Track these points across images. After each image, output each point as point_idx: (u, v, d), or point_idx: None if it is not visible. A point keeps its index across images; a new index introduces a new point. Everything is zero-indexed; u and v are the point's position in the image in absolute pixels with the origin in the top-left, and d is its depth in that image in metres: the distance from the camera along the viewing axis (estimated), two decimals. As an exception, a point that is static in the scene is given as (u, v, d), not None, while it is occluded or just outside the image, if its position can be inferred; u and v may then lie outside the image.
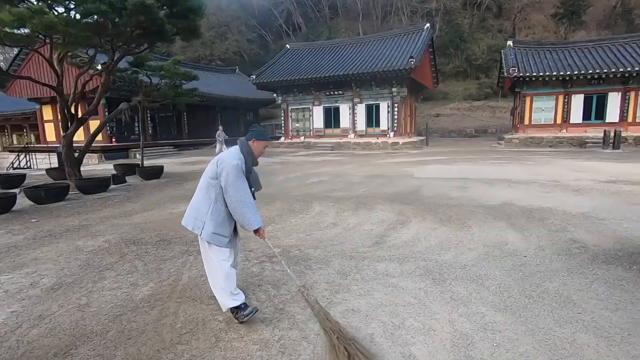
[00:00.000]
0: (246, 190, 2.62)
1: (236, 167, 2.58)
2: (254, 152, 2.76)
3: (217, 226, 2.64)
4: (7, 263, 4.15)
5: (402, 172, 10.43)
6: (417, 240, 4.44)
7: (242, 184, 2.60)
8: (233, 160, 2.60)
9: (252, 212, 2.62)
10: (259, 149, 2.79)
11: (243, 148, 2.73)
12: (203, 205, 2.70)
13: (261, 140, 2.80)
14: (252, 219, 2.60)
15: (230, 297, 2.64)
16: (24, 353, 2.42)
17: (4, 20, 6.39)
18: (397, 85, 19.96)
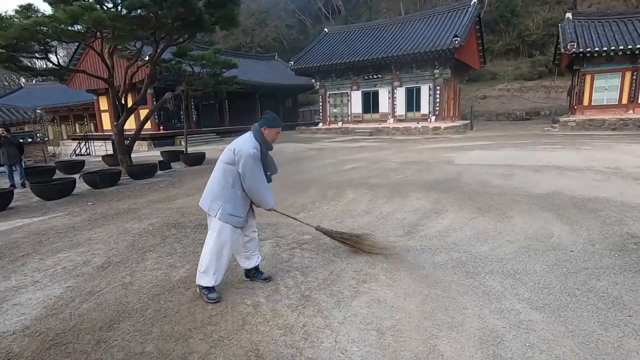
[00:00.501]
0: (262, 176, 2.88)
1: (253, 156, 2.77)
2: (266, 139, 2.90)
3: (234, 208, 2.85)
4: (65, 242, 4.59)
5: (442, 158, 10.02)
6: (452, 231, 4.26)
7: (258, 171, 2.84)
8: (250, 149, 2.78)
9: (268, 193, 2.95)
10: (271, 136, 2.92)
11: (257, 135, 2.88)
12: (220, 189, 2.87)
13: (272, 128, 2.91)
14: (268, 199, 2.95)
15: (209, 277, 2.87)
16: (75, 325, 2.67)
17: (60, 18, 6.89)
18: (440, 67, 19.00)
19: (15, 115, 16.62)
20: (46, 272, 3.68)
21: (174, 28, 8.94)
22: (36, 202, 7.19)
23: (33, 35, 7.13)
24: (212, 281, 2.88)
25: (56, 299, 3.08)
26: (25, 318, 2.81)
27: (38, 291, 3.25)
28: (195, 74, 11.95)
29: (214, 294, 2.90)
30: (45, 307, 2.95)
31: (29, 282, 3.46)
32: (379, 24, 24.27)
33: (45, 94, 29.88)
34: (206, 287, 2.89)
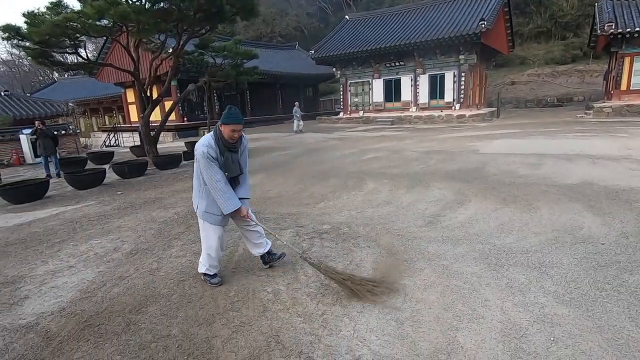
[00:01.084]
0: (215, 176, 2.73)
1: (203, 155, 2.70)
2: (223, 136, 2.75)
3: (208, 205, 2.89)
4: (97, 229, 4.82)
5: (466, 147, 9.75)
6: (475, 222, 4.17)
7: (210, 170, 2.72)
8: (201, 148, 2.72)
9: (225, 197, 2.76)
10: (227, 133, 2.73)
11: (215, 133, 2.78)
12: (197, 186, 2.95)
13: (227, 124, 2.71)
14: (224, 203, 2.77)
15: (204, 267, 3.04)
16: (107, 308, 2.83)
17: (88, 13, 7.12)
18: (465, 52, 18.36)
19: (50, 108, 17.44)
20: (80, 257, 3.89)
21: (195, 20, 9.04)
22: (70, 192, 7.56)
23: (63, 30, 7.40)
24: (210, 270, 3.05)
25: (89, 283, 3.26)
26: (61, 300, 2.99)
27: (73, 275, 3.45)
28: (217, 65, 12.08)
29: (215, 279, 3.06)
30: (80, 290, 3.13)
31: (64, 266, 3.67)
32: (402, 9, 23.61)
33: (77, 88, 31.13)
34: (204, 274, 3.08)
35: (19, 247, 4.32)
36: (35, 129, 9.48)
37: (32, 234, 4.83)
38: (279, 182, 7.04)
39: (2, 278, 3.48)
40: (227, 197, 2.77)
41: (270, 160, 9.85)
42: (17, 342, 2.46)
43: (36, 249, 4.24)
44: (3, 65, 51.19)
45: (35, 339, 2.48)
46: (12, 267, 3.73)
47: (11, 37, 7.66)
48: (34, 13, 7.51)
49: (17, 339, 2.50)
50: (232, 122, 2.71)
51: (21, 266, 3.75)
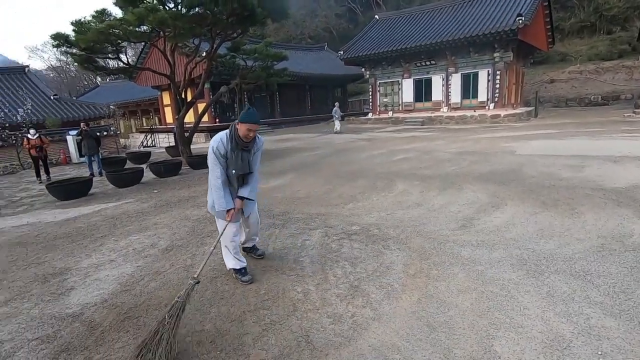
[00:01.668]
0: (216, 173, 2.83)
1: (212, 150, 2.83)
2: (239, 134, 2.82)
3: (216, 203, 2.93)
4: (136, 226, 5.05)
5: (501, 148, 9.36)
6: (512, 226, 3.99)
7: (214, 167, 2.84)
8: (212, 143, 2.84)
9: (218, 194, 2.85)
10: (243, 131, 2.80)
11: (231, 130, 2.86)
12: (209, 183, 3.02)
13: (244, 123, 2.77)
14: (216, 200, 2.86)
15: (232, 259, 3.11)
16: (144, 301, 2.95)
17: (129, 20, 7.49)
18: (501, 50, 17.65)
19: (93, 110, 18.52)
20: (120, 252, 4.09)
21: (228, 23, 9.29)
22: (111, 189, 7.99)
23: (107, 37, 7.84)
24: (235, 264, 3.13)
25: (128, 277, 3.42)
26: (103, 292, 3.16)
27: (114, 269, 3.63)
28: (248, 68, 12.35)
29: (246, 277, 3.11)
30: (120, 284, 3.29)
31: (106, 260, 3.88)
32: (433, 7, 23.07)
33: (118, 91, 32.87)
34: (234, 269, 3.15)
35: (66, 241, 4.61)
36: (81, 130, 10.09)
37: (77, 228, 5.14)
38: (308, 182, 7.08)
39: (51, 269, 3.73)
40: (221, 195, 2.86)
41: (299, 161, 9.93)
42: (64, 330, 2.62)
43: (81, 243, 4.51)
44: (52, 72, 55.01)
45: (80, 328, 2.63)
46: (60, 260, 3.98)
47: (61, 44, 8.21)
48: (81, 22, 8.02)
49: (64, 327, 2.66)
50: (249, 121, 2.78)
51: (68, 259, 4.00)
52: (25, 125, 12.30)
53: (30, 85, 18.53)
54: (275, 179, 7.59)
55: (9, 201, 7.68)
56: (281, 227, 4.51)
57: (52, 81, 49.59)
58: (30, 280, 3.51)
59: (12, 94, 17.05)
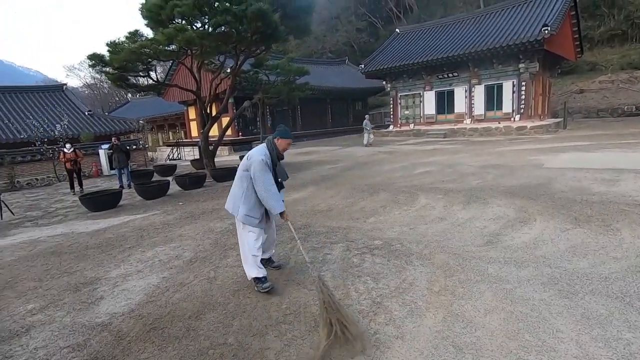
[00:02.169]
0: (270, 181, 3.07)
1: (261, 162, 3.05)
2: (278, 148, 3.18)
3: (249, 209, 3.15)
4: (161, 237, 5.20)
5: (528, 161, 9.08)
6: (542, 243, 3.83)
7: (266, 176, 3.06)
8: (259, 157, 3.08)
9: (275, 199, 3.06)
10: (283, 146, 3.20)
11: (269, 145, 3.18)
12: (238, 192, 3.22)
13: (284, 138, 3.19)
14: (275, 205, 3.05)
15: (255, 269, 3.20)
16: (169, 312, 3.01)
17: (159, 40, 7.88)
18: (526, 60, 17.27)
19: (124, 125, 19.39)
20: (147, 263, 4.21)
21: (252, 41, 9.58)
22: (139, 201, 8.27)
23: (138, 56, 8.26)
24: (258, 273, 3.21)
25: (154, 288, 3.51)
26: (131, 302, 3.25)
27: (140, 279, 3.74)
28: (271, 83, 12.63)
29: (266, 284, 3.19)
30: (146, 294, 3.38)
31: (133, 270, 4.00)
32: (455, 19, 22.98)
33: (146, 107, 34.33)
34: (256, 277, 3.22)
35: (97, 251, 4.79)
36: (112, 144, 10.57)
37: (107, 239, 5.34)
38: (329, 195, 7.09)
39: (83, 279, 3.88)
40: (277, 199, 3.09)
41: (320, 174, 9.98)
42: (94, 339, 2.70)
43: (110, 253, 4.68)
44: (87, 89, 58.24)
45: (108, 338, 2.71)
46: (91, 269, 4.14)
47: (96, 63, 8.72)
48: (115, 42, 8.50)
49: (94, 336, 2.75)
50: (288, 137, 3.22)
51: (98, 268, 4.15)
52: (61, 140, 13.01)
53: (67, 102, 19.65)
54: (296, 192, 7.64)
55: (45, 212, 8.09)
56: (302, 240, 4.51)
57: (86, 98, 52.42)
58: (63, 288, 3.66)
59: (50, 111, 18.13)
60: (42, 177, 14.08)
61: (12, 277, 4.10)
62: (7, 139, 15.71)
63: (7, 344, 2.72)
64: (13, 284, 3.91)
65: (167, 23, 8.35)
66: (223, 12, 8.16)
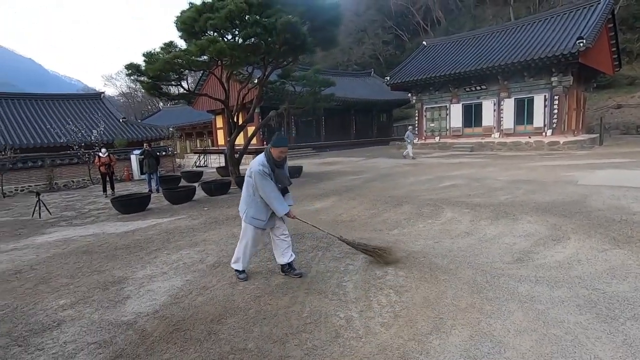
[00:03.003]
0: (270, 187, 3.41)
1: (259, 172, 3.38)
2: (273, 156, 3.43)
3: (255, 212, 3.54)
4: (186, 241, 5.31)
5: (561, 177, 8.70)
6: (577, 263, 3.63)
7: (267, 183, 3.40)
8: (257, 167, 3.39)
9: (278, 202, 3.44)
10: (276, 154, 3.45)
11: (266, 154, 3.47)
12: (246, 197, 3.60)
13: (277, 147, 3.44)
14: (278, 207, 3.44)
15: (241, 264, 3.69)
16: (192, 315, 3.05)
17: (192, 51, 8.20)
18: (559, 74, 16.71)
19: (155, 132, 20.16)
20: (171, 265, 4.30)
21: (280, 52, 9.80)
22: (166, 205, 8.52)
23: (172, 66, 8.63)
24: (241, 267, 3.70)
25: (178, 290, 3.57)
26: (155, 303, 3.31)
27: (165, 281, 3.82)
28: (297, 93, 12.83)
29: (243, 275, 3.71)
30: (170, 296, 3.44)
31: (159, 272, 4.10)
32: (484, 32, 22.64)
33: (176, 115, 35.63)
34: (236, 270, 3.73)
35: (125, 252, 4.96)
36: (144, 150, 11.00)
37: (135, 241, 5.52)
38: (351, 205, 7.04)
39: (111, 278, 4.01)
40: (280, 202, 3.45)
41: (343, 184, 9.95)
42: (119, 337, 2.77)
43: (137, 254, 4.82)
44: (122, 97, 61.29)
45: (133, 336, 2.77)
46: (119, 269, 4.28)
47: (133, 73, 9.17)
48: (151, 53, 8.92)
49: (119, 333, 2.82)
50: (281, 145, 3.46)
51: (126, 269, 4.28)
52: (97, 145, 13.68)
53: (103, 109, 20.71)
54: (319, 202, 7.64)
55: (79, 212, 8.48)
56: (324, 249, 4.49)
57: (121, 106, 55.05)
58: (92, 286, 3.79)
59: (88, 117, 19.14)
60: (77, 180, 14.81)
61: (47, 273, 4.30)
62: (48, 142, 16.69)
63: (40, 337, 2.83)
64: (47, 279, 4.10)
65: (200, 35, 8.69)
66: (253, 24, 8.41)
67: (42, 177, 13.89)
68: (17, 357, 2.58)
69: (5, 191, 12.84)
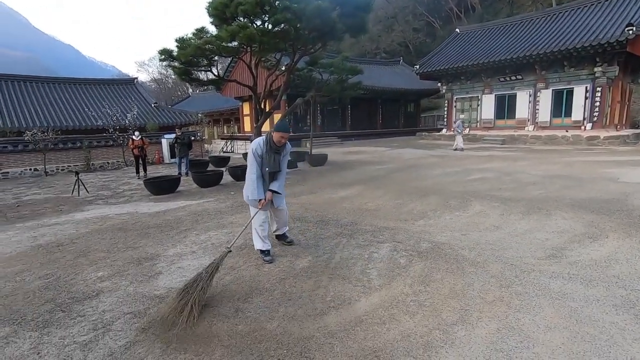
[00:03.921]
0: (252, 170, 3.59)
1: (252, 150, 3.59)
2: (273, 140, 3.59)
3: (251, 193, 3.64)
4: (214, 223, 5.47)
5: (599, 173, 8.24)
6: (615, 262, 3.46)
7: (251, 165, 3.60)
8: (253, 145, 3.62)
9: (252, 186, 3.59)
10: (276, 138, 3.59)
11: (267, 136, 3.64)
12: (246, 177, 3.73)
13: (277, 131, 3.58)
14: (246, 192, 3.69)
15: (260, 242, 3.78)
16: (220, 292, 3.16)
17: (222, 37, 8.29)
18: (604, 64, 15.70)
19: (185, 117, 20.69)
20: (200, 245, 4.45)
21: (309, 38, 9.73)
22: (194, 188, 8.79)
23: (203, 52, 8.78)
24: (261, 246, 3.80)
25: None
26: (185, 279, 3.44)
27: (194, 259, 3.97)
28: (324, 81, 12.74)
29: (268, 257, 3.78)
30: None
31: (188, 251, 4.25)
32: (522, 19, 21.50)
33: (205, 101, 36.33)
34: (261, 250, 3.82)
35: (157, 230, 5.17)
36: (176, 136, 11.36)
37: (166, 220, 5.74)
38: (377, 195, 6.99)
39: (144, 254, 4.20)
40: (254, 187, 3.61)
41: (368, 174, 9.88)
42: (152, 309, 2.91)
43: (168, 233, 5.02)
44: (154, 83, 63.04)
45: (165, 309, 2.90)
46: (151, 246, 4.48)
47: (166, 58, 9.40)
48: (183, 39, 9.10)
49: (153, 306, 2.97)
50: (281, 130, 3.60)
51: (157, 246, 4.47)
52: (130, 128, 14.22)
53: (137, 94, 21.43)
54: (343, 190, 7.64)
55: (114, 192, 8.90)
56: (349, 237, 4.50)
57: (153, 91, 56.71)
58: (127, 261, 4.00)
59: (123, 101, 19.89)
60: (112, 162, 15.51)
61: (86, 247, 4.56)
62: (86, 125, 17.52)
63: (81, 305, 3.03)
64: (86, 252, 4.35)
65: (231, 21, 8.76)
66: (283, 10, 8.38)
67: (80, 158, 14.64)
68: (61, 321, 2.77)
69: (48, 170, 13.65)
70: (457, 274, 3.32)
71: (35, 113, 17.31)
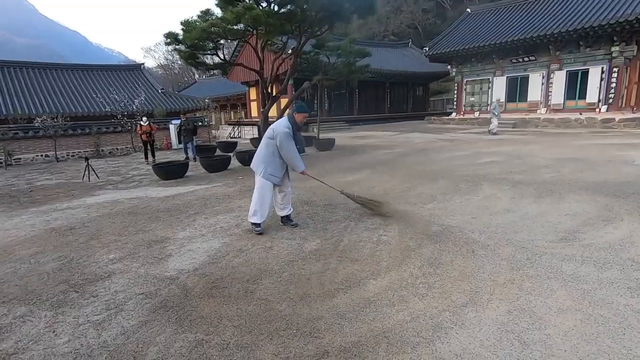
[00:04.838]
0: (293, 147, 3.96)
1: (285, 133, 3.89)
2: (296, 121, 3.98)
3: (273, 170, 4.02)
4: (222, 207, 5.50)
5: (614, 156, 8.04)
6: (630, 245, 3.39)
7: (290, 143, 3.94)
8: (284, 129, 3.90)
9: (299, 160, 4.04)
10: (299, 119, 4.00)
11: (290, 118, 3.99)
12: (264, 156, 4.04)
13: (300, 113, 3.99)
14: (299, 164, 4.03)
15: (259, 217, 4.07)
16: (229, 274, 3.18)
17: (227, 18, 8.15)
18: (622, 43, 15.14)
19: (192, 103, 20.65)
20: (209, 228, 4.48)
21: (316, 20, 9.52)
22: (203, 173, 8.82)
23: (208, 35, 8.65)
24: (259, 220, 4.08)
25: (216, 251, 3.73)
26: (195, 262, 3.49)
27: (204, 242, 4.00)
28: (331, 64, 12.53)
29: (259, 228, 4.12)
30: (209, 256, 3.61)
31: (198, 234, 4.29)
32: (537, -4, 20.70)
33: (211, 87, 36.19)
34: (254, 223, 4.11)
35: (166, 214, 5.22)
36: (181, 121, 11.34)
37: (175, 205, 5.78)
38: (385, 179, 6.93)
39: (155, 237, 4.25)
40: (300, 160, 4.04)
41: (376, 158, 9.79)
42: (163, 290, 2.95)
43: (177, 217, 5.06)
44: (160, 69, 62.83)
45: (175, 290, 2.94)
46: (161, 230, 4.52)
47: (172, 42, 9.31)
48: (188, 21, 8.97)
49: (164, 287, 3.01)
50: (304, 111, 4.02)
51: (167, 230, 4.52)
52: (138, 114, 14.24)
53: (144, 80, 21.39)
54: (351, 174, 7.59)
55: (124, 177, 8.98)
56: (357, 220, 4.49)
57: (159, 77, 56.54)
58: (138, 244, 4.05)
59: (130, 87, 19.88)
60: (121, 147, 15.62)
61: (97, 230, 4.63)
62: (95, 111, 17.60)
63: (94, 285, 3.09)
64: (98, 235, 4.41)
65: (236, 2, 8.58)
66: (289, -10, 8.17)
67: (89, 144, 14.76)
68: (75, 301, 2.83)
69: (59, 156, 13.82)
70: (467, 256, 3.29)
71: (45, 99, 17.43)
